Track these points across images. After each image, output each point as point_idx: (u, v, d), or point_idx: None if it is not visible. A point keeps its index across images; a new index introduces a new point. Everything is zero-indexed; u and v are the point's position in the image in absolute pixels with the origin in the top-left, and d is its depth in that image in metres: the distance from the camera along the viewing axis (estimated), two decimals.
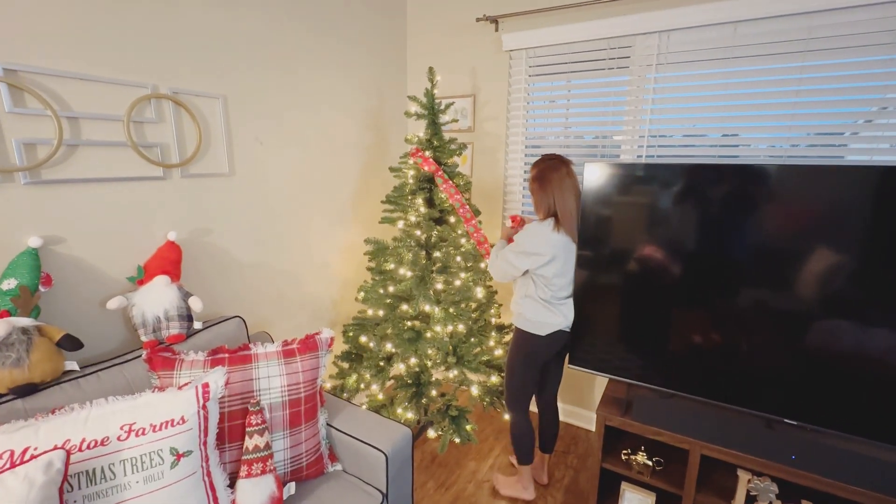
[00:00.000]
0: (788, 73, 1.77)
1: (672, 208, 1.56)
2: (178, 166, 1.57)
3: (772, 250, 1.42)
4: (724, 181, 1.47)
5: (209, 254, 1.74)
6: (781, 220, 1.41)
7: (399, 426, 1.46)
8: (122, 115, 1.41)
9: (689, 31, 1.92)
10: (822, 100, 1.73)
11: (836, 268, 1.35)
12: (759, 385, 1.52)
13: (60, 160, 1.30)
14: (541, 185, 1.70)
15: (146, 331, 1.40)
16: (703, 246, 1.52)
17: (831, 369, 1.40)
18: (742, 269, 1.47)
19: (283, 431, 1.33)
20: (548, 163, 1.71)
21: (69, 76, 1.29)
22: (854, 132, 1.71)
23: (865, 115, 1.69)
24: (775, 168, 1.40)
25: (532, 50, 2.29)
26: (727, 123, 1.91)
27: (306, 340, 1.46)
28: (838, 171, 1.32)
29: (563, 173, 1.68)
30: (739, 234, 1.47)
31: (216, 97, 1.68)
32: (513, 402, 1.87)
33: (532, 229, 1.69)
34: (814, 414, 1.45)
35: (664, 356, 1.66)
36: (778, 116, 1.81)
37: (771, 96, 1.82)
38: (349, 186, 2.40)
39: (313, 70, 2.08)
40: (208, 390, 1.15)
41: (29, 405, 1.09)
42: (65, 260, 1.34)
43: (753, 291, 1.47)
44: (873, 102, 1.66)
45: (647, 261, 1.63)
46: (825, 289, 1.37)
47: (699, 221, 1.52)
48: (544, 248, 1.65)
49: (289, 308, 2.14)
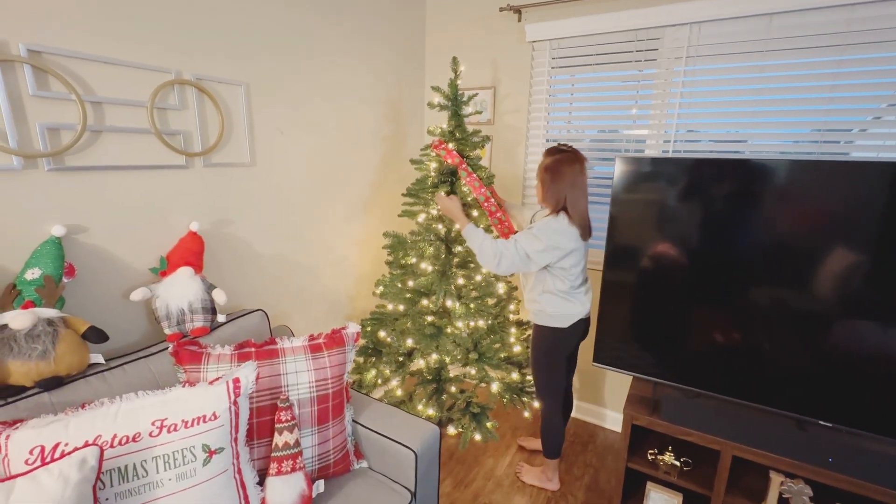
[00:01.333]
0: (824, 68, 1.72)
1: (705, 205, 1.53)
2: (201, 155, 1.53)
3: (811, 249, 1.39)
4: (764, 178, 1.43)
5: (230, 245, 1.70)
6: (817, 217, 1.37)
7: (427, 424, 1.43)
8: (145, 101, 1.36)
9: (722, 22, 1.87)
10: (858, 95, 1.68)
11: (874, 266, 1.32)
12: (791, 386, 1.49)
13: (84, 146, 1.26)
14: (553, 177, 1.66)
15: (170, 323, 1.37)
16: (743, 242, 1.49)
17: (866, 370, 1.37)
18: (777, 267, 1.44)
19: (311, 428, 1.30)
20: (563, 155, 1.67)
21: (93, 59, 1.24)
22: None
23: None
24: (827, 164, 1.36)
25: (556, 41, 2.24)
26: (758, 119, 1.87)
27: (332, 335, 1.43)
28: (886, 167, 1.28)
29: (577, 170, 1.65)
30: (773, 232, 1.43)
31: (239, 84, 1.63)
32: (545, 397, 1.86)
33: (553, 225, 1.65)
34: (848, 416, 1.42)
35: (693, 355, 1.63)
36: (811, 112, 1.77)
37: (804, 91, 1.77)
38: (366, 178, 2.36)
39: (333, 59, 2.03)
40: (239, 385, 1.11)
41: (56, 399, 1.06)
42: (87, 250, 1.30)
43: (786, 290, 1.44)
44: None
45: (678, 258, 1.60)
46: (857, 287, 1.34)
47: (732, 218, 1.48)
48: (566, 242, 1.64)
49: (307, 302, 2.11)
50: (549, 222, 1.66)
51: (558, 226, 1.64)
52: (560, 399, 1.87)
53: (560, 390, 1.86)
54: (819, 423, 1.46)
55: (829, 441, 1.49)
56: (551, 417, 1.87)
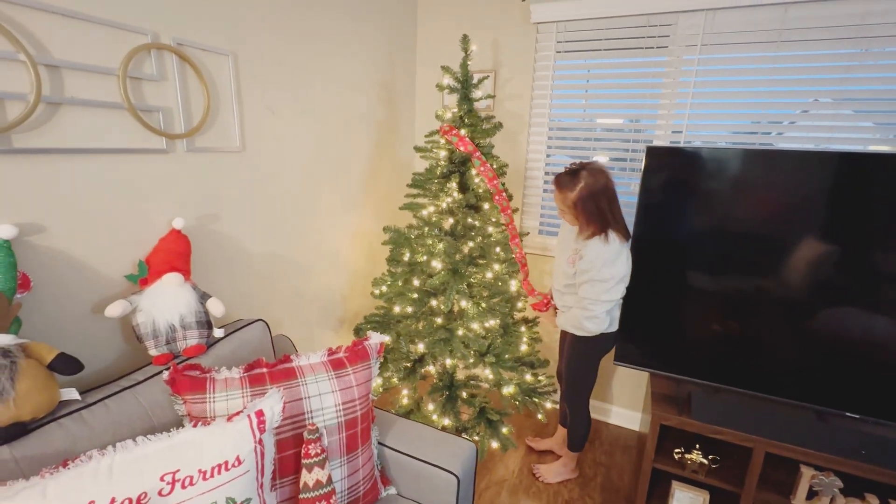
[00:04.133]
0: (839, 60, 1.72)
1: (725, 193, 1.48)
2: (184, 137, 1.28)
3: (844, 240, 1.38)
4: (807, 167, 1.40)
5: (218, 244, 1.45)
6: (821, 207, 1.36)
7: (464, 441, 1.29)
8: (116, 69, 1.09)
9: (737, 10, 1.83)
10: (880, 88, 1.68)
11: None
12: (816, 378, 1.49)
13: (38, 123, 0.98)
14: (588, 209, 1.54)
15: (157, 342, 1.12)
16: (762, 231, 1.46)
17: (889, 361, 1.39)
18: (810, 259, 1.42)
19: (340, 459, 1.11)
20: (586, 180, 1.52)
21: (49, 9, 0.97)
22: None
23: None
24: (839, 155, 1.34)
25: (563, 24, 2.13)
26: (772, 110, 1.85)
27: (354, 348, 1.24)
28: None
29: (604, 184, 1.53)
30: (793, 223, 1.41)
31: (226, 54, 1.38)
32: (580, 395, 1.84)
33: (612, 255, 1.53)
34: (874, 406, 1.44)
35: (715, 350, 1.60)
36: (821, 105, 1.78)
37: (815, 83, 1.78)
38: (361, 165, 2.14)
39: (323, 33, 1.80)
40: (264, 420, 0.91)
41: (21, 453, 0.81)
42: (45, 255, 1.03)
43: (811, 282, 1.43)
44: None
45: (701, 252, 1.55)
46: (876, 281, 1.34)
47: (748, 208, 1.45)
48: (623, 267, 1.58)
49: (300, 305, 1.88)
50: (610, 252, 1.53)
51: (619, 253, 1.55)
52: (590, 394, 1.86)
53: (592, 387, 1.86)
54: (845, 415, 1.48)
55: (855, 432, 1.51)
56: (583, 411, 1.86)
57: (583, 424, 1.87)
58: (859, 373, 1.44)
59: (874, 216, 1.34)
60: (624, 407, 2.37)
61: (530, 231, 2.42)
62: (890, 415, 1.42)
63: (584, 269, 1.57)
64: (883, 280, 1.36)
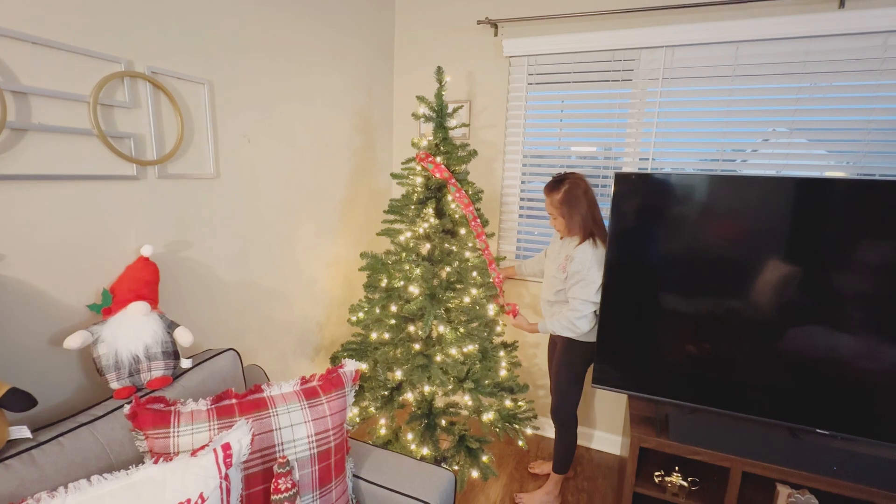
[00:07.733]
0: (789, 94, 1.85)
1: (691, 217, 1.55)
2: (156, 163, 1.26)
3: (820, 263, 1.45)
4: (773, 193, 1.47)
5: (189, 272, 1.42)
6: (782, 230, 1.43)
7: (442, 471, 1.26)
8: (86, 96, 1.09)
9: (693, 47, 1.96)
10: (829, 119, 1.81)
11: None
12: (787, 396, 1.52)
13: (2, 149, 0.96)
14: (571, 207, 1.73)
15: (119, 375, 1.08)
16: (746, 257, 1.52)
17: (855, 378, 1.43)
18: (779, 280, 1.48)
19: (313, 493, 1.07)
20: (570, 182, 1.73)
21: (18, 37, 0.96)
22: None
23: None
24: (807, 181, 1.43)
25: (534, 57, 2.23)
26: (734, 139, 1.96)
27: (328, 376, 1.21)
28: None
29: (586, 189, 1.73)
30: (753, 246, 1.48)
31: (201, 82, 1.39)
32: (568, 413, 1.87)
33: (592, 259, 1.69)
34: (844, 423, 1.47)
35: (690, 370, 1.63)
36: (778, 134, 1.89)
37: (771, 114, 1.90)
38: (338, 193, 2.15)
39: (303, 61, 1.83)
40: (230, 453, 0.88)
41: None
42: (1, 284, 0.98)
43: (778, 300, 1.48)
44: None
45: (673, 275, 1.59)
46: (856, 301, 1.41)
47: (720, 232, 1.51)
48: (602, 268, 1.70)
49: (274, 334, 1.83)
50: (589, 256, 1.69)
51: (597, 257, 1.69)
52: (576, 409, 1.89)
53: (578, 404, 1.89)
54: (816, 432, 1.51)
55: (826, 448, 1.54)
56: (571, 430, 1.88)
57: (570, 444, 1.88)
58: (827, 389, 1.47)
59: (831, 238, 1.42)
60: (605, 431, 2.36)
61: (507, 255, 2.44)
62: (857, 430, 1.45)
63: (576, 270, 1.69)
64: (843, 299, 1.42)
